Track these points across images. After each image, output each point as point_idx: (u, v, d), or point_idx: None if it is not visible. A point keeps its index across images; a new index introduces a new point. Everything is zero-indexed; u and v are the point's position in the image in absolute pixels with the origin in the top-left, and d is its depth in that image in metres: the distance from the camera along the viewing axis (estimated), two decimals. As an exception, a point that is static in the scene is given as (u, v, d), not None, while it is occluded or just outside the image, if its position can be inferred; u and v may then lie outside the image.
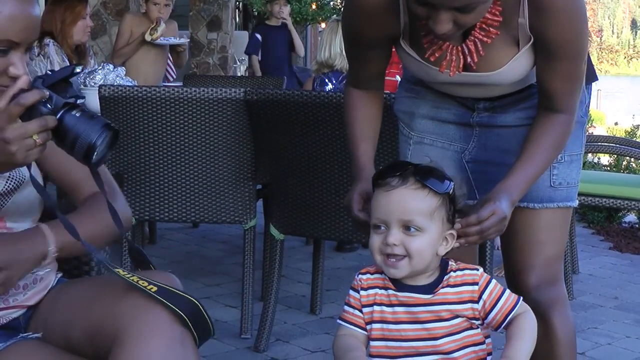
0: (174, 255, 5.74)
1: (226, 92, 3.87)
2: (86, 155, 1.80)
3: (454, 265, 2.07)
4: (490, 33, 2.22)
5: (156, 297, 1.82)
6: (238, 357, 3.83)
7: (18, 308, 2.03)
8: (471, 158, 2.53)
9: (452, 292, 2.04)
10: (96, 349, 1.87)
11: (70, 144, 1.80)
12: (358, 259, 5.74)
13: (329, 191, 3.77)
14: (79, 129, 1.79)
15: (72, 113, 1.80)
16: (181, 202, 4.07)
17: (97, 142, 1.79)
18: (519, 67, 2.30)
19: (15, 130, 1.73)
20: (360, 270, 2.13)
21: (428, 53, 2.28)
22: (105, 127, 1.81)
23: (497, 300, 2.03)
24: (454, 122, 2.53)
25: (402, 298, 2.04)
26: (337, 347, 2.06)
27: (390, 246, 1.98)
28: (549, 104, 2.32)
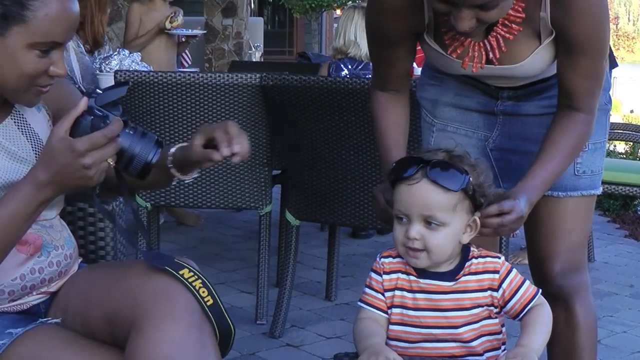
0: (189, 241, 5.75)
1: (242, 77, 3.86)
2: (142, 173, 1.86)
3: (475, 252, 2.07)
4: (512, 29, 2.21)
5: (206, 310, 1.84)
6: (253, 343, 3.84)
7: (40, 295, 2.04)
8: (495, 146, 2.52)
9: (473, 280, 2.03)
10: (114, 333, 1.88)
11: (126, 163, 1.84)
12: (373, 245, 5.73)
13: (345, 177, 3.76)
14: (135, 148, 1.83)
15: (126, 131, 1.83)
16: (196, 187, 4.07)
17: (153, 160, 1.85)
18: (540, 61, 2.29)
19: (94, 155, 1.75)
20: (382, 253, 2.12)
21: (450, 49, 2.27)
22: (157, 144, 1.85)
23: (516, 290, 2.03)
24: (477, 110, 2.52)
25: (424, 285, 2.03)
26: (357, 330, 2.06)
27: (411, 240, 1.98)
28: (569, 103, 2.30)
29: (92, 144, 1.75)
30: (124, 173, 1.88)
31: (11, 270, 1.93)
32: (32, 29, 1.81)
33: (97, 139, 1.75)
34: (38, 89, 1.91)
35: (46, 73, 1.88)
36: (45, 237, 2.01)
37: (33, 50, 1.83)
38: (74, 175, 1.77)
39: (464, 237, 2.03)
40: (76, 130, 1.78)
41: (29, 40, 1.82)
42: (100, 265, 2.25)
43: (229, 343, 1.92)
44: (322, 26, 19.99)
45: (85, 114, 1.80)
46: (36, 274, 1.98)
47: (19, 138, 1.99)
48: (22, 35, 1.81)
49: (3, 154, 1.93)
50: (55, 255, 2.02)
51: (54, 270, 2.02)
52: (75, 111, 1.79)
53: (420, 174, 1.98)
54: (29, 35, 1.82)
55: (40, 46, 1.83)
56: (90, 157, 1.75)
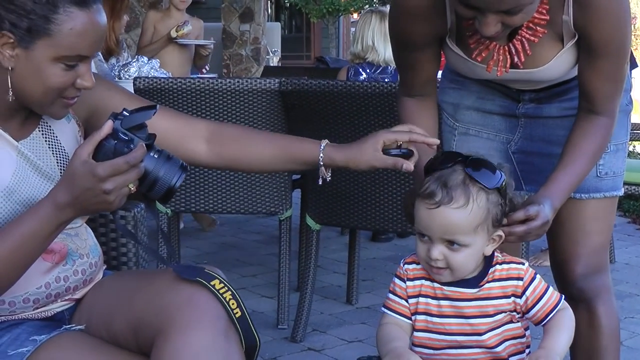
0: (209, 246, 5.76)
1: (261, 82, 3.87)
2: (165, 197, 1.84)
3: (499, 257, 2.04)
4: (537, 32, 2.20)
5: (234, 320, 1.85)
6: (275, 348, 3.84)
7: (65, 302, 2.04)
8: (517, 149, 2.51)
9: (497, 287, 2.01)
10: (139, 340, 1.88)
11: (149, 186, 1.82)
12: (393, 249, 5.73)
13: (365, 181, 3.76)
14: (158, 171, 1.81)
15: (151, 155, 1.81)
16: (216, 193, 4.07)
17: (177, 184, 1.83)
18: (563, 64, 2.28)
19: (116, 181, 1.74)
20: (406, 259, 2.10)
21: (475, 53, 2.26)
22: (181, 168, 1.84)
23: (540, 297, 2.00)
24: (499, 113, 2.51)
25: (448, 292, 2.02)
26: (380, 335, 2.05)
27: (433, 260, 1.97)
28: (590, 106, 2.29)
29: (113, 169, 1.73)
30: (146, 194, 1.86)
31: (36, 279, 1.93)
32: (57, 42, 1.81)
33: (119, 165, 1.74)
34: (65, 102, 1.91)
35: (73, 86, 1.88)
36: (71, 246, 2.01)
37: (59, 64, 1.83)
38: (94, 200, 1.76)
39: (487, 249, 2.00)
40: (99, 154, 1.77)
41: (54, 54, 1.82)
42: (126, 272, 2.26)
43: (253, 356, 1.92)
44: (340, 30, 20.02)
45: (110, 137, 1.78)
46: (61, 282, 1.99)
47: (46, 152, 1.99)
48: (48, 49, 1.81)
49: (30, 169, 1.94)
50: (80, 264, 2.03)
51: (79, 278, 2.03)
52: (99, 134, 1.78)
53: (442, 195, 1.92)
54: (54, 49, 1.81)
55: (66, 60, 1.83)
56: (111, 182, 1.74)
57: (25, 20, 1.79)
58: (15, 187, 1.89)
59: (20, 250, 1.79)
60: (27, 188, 1.91)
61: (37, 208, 1.80)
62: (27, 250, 1.80)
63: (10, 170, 1.90)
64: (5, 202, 1.88)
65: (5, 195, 1.88)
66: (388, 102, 3.51)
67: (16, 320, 1.96)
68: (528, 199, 2.16)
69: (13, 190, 1.89)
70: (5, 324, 1.94)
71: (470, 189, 1.93)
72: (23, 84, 1.85)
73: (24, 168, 1.92)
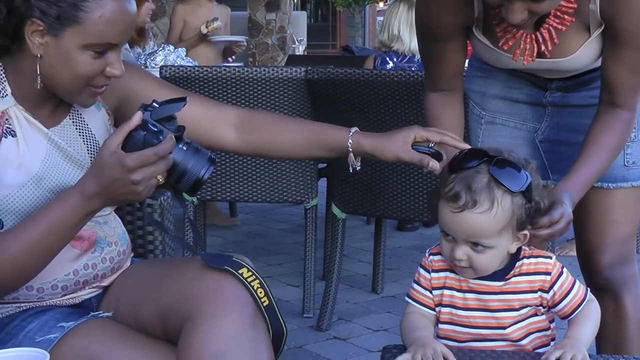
0: (235, 235, 5.77)
1: (287, 71, 3.87)
2: (192, 189, 1.84)
3: (527, 251, 2.02)
4: (565, 20, 2.19)
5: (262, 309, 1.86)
6: (301, 336, 3.85)
7: (93, 289, 2.05)
8: (544, 138, 2.50)
9: (524, 281, 1.99)
10: (167, 328, 1.89)
11: (177, 178, 1.82)
12: (419, 238, 5.73)
13: (391, 170, 3.76)
14: (187, 163, 1.81)
15: (180, 147, 1.81)
16: (242, 182, 4.08)
17: (205, 177, 1.83)
18: (590, 53, 2.27)
19: (144, 172, 1.74)
20: (431, 250, 2.08)
21: (501, 42, 2.25)
22: (209, 161, 1.84)
23: (567, 292, 1.99)
24: (526, 102, 2.50)
25: (473, 285, 2.01)
26: (404, 324, 2.04)
27: (457, 260, 1.95)
28: (612, 99, 2.27)
29: (142, 160, 1.73)
30: (174, 186, 1.87)
31: (65, 266, 1.94)
32: (86, 30, 1.81)
33: (148, 157, 1.74)
34: (93, 90, 1.91)
35: (102, 74, 1.88)
36: (100, 233, 2.02)
37: (88, 52, 1.84)
38: (122, 190, 1.76)
39: (511, 247, 1.98)
40: (128, 144, 1.77)
41: (83, 42, 1.82)
42: (154, 260, 2.27)
43: (280, 345, 1.93)
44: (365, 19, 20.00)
45: (139, 128, 1.78)
46: (89, 270, 2.00)
47: (76, 140, 2.00)
48: (77, 37, 1.82)
49: (60, 156, 1.94)
50: (108, 252, 2.04)
51: (107, 266, 2.04)
52: (129, 125, 1.78)
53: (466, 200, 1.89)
54: (83, 37, 1.82)
55: (95, 47, 1.84)
56: (139, 173, 1.74)
57: (55, 7, 1.79)
58: (44, 174, 1.90)
59: (48, 238, 1.80)
60: (56, 175, 1.92)
61: (66, 196, 1.81)
62: (54, 238, 1.81)
63: (40, 157, 1.91)
64: (35, 189, 1.89)
65: (35, 182, 1.89)
66: (414, 91, 3.51)
67: (44, 307, 1.97)
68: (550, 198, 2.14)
69: (42, 177, 1.90)
70: (33, 310, 1.95)
71: (494, 192, 1.90)
72: (52, 71, 1.85)
73: (54, 155, 1.93)
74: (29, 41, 1.83)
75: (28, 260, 1.81)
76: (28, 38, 1.82)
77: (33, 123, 1.92)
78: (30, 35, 1.82)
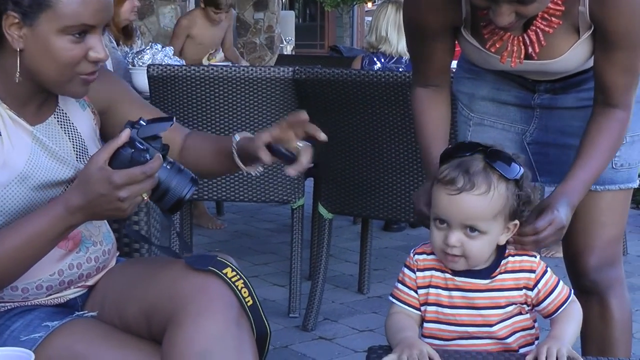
0: (222, 235, 5.76)
1: (275, 70, 3.87)
2: (173, 208, 1.86)
3: (512, 250, 2.04)
4: (552, 23, 2.19)
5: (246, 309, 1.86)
6: (286, 336, 3.85)
7: (78, 289, 2.05)
8: (532, 140, 2.50)
9: (509, 279, 2.01)
10: (151, 327, 1.89)
11: (160, 196, 1.84)
12: (405, 238, 5.73)
13: (378, 170, 3.76)
14: (170, 182, 1.83)
15: (164, 166, 1.82)
16: (229, 181, 4.08)
17: (187, 196, 1.85)
18: (579, 55, 2.27)
19: (130, 189, 1.75)
20: (416, 249, 2.09)
21: (489, 44, 2.25)
22: (192, 181, 1.85)
23: (551, 291, 2.01)
24: (514, 103, 2.50)
25: (459, 283, 2.02)
26: (389, 324, 2.05)
27: (450, 247, 1.96)
28: (606, 99, 2.28)
29: (130, 178, 1.74)
30: (156, 204, 1.88)
31: (50, 266, 1.94)
32: (59, 13, 1.80)
33: (135, 175, 1.74)
34: (83, 78, 1.90)
35: (86, 59, 1.87)
36: (85, 233, 2.02)
37: (65, 36, 1.82)
38: (107, 206, 1.77)
39: (501, 238, 2.00)
40: (115, 161, 1.78)
41: (58, 26, 1.81)
42: (138, 260, 2.26)
43: (264, 346, 1.93)
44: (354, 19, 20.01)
45: (126, 145, 1.79)
46: (74, 270, 1.99)
47: (62, 137, 1.99)
48: (51, 22, 1.81)
49: (44, 153, 1.94)
50: (93, 251, 2.03)
51: (92, 265, 2.04)
52: (116, 142, 1.78)
53: (463, 183, 1.92)
54: (57, 21, 1.81)
55: (71, 30, 1.82)
56: (126, 190, 1.74)
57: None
58: (29, 172, 1.89)
59: (27, 247, 1.80)
60: (41, 173, 1.91)
61: (49, 208, 1.81)
62: (34, 248, 1.81)
63: (24, 156, 1.90)
64: (19, 188, 1.88)
65: (19, 181, 1.88)
66: (402, 91, 3.51)
67: (29, 306, 1.97)
68: (543, 202, 2.14)
69: (27, 176, 1.89)
70: (17, 309, 1.95)
71: (491, 177, 1.93)
72: (36, 64, 1.85)
73: (38, 154, 1.92)
74: (7, 36, 1.82)
75: (7, 268, 1.81)
76: (6, 32, 1.81)
77: (17, 122, 1.91)
78: (8, 30, 1.81)
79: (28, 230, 1.80)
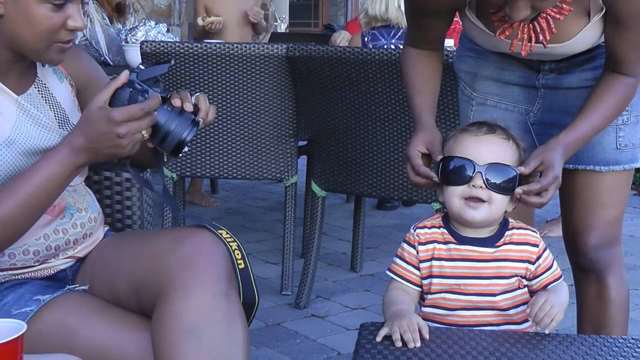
0: (215, 212, 5.77)
1: (268, 48, 3.85)
2: (175, 150, 1.89)
3: (515, 223, 2.09)
4: (563, 10, 2.17)
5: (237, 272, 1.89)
6: (279, 313, 3.86)
7: (67, 259, 2.05)
8: (536, 120, 2.49)
9: (514, 250, 2.05)
10: (141, 302, 1.89)
11: (161, 139, 1.88)
12: (398, 217, 5.74)
13: (371, 148, 3.76)
14: (170, 125, 1.87)
15: (164, 107, 1.87)
16: (221, 158, 4.07)
17: (187, 138, 1.88)
18: (588, 38, 2.26)
19: (129, 126, 1.79)
20: (417, 224, 2.12)
21: (498, 31, 2.23)
22: (192, 123, 1.88)
23: (549, 267, 2.06)
24: (518, 83, 2.49)
25: (464, 252, 2.04)
26: (385, 300, 2.06)
27: (477, 189, 1.99)
28: (616, 67, 2.27)
29: (129, 115, 1.79)
30: (159, 148, 1.92)
31: (35, 231, 1.94)
32: None
33: (133, 111, 1.79)
34: (60, 46, 1.91)
35: (64, 27, 1.88)
36: (69, 200, 2.03)
37: (46, 4, 1.84)
38: (108, 144, 1.80)
39: (509, 205, 2.07)
40: (115, 101, 1.83)
41: None
42: (128, 233, 2.27)
43: (251, 313, 1.94)
44: (348, -5, 19.89)
45: (125, 86, 1.84)
46: (60, 235, 2.01)
47: (43, 106, 2.01)
48: None
49: (29, 120, 1.95)
50: (78, 217, 2.05)
51: (79, 231, 2.05)
52: (116, 83, 1.83)
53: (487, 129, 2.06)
54: None
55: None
56: (125, 127, 1.78)
57: None
58: (15, 138, 1.91)
59: (39, 194, 1.83)
60: (26, 139, 1.93)
61: (54, 153, 1.84)
62: (45, 194, 1.84)
63: (10, 122, 1.91)
64: (7, 152, 1.90)
65: (6, 146, 1.89)
66: (395, 69, 3.50)
67: (20, 280, 1.97)
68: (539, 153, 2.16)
69: (13, 141, 1.90)
70: (9, 283, 1.95)
71: (507, 131, 2.08)
72: (15, 30, 1.86)
73: (23, 121, 1.94)
74: None
75: (19, 218, 1.83)
76: None
77: (3, 89, 1.92)
78: None
79: (37, 176, 1.82)
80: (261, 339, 3.54)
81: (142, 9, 8.98)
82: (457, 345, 1.88)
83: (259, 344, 3.47)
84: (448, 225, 2.08)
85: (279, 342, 3.54)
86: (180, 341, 1.76)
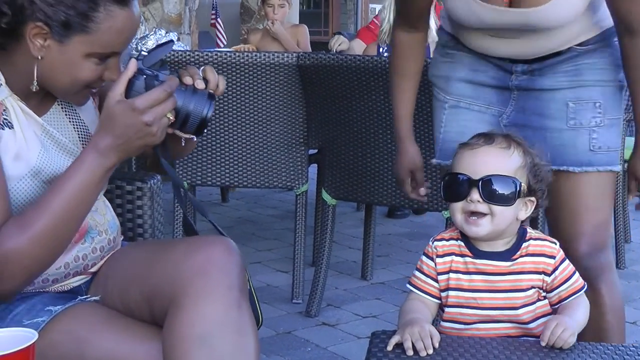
0: (225, 220, 5.77)
1: (279, 56, 3.86)
2: (199, 129, 1.86)
3: (533, 234, 2.08)
4: None
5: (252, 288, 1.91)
6: (290, 322, 3.85)
7: (82, 276, 2.05)
8: (509, 122, 2.49)
9: (530, 262, 2.04)
10: (153, 311, 1.89)
11: (182, 122, 1.85)
12: (409, 225, 5.73)
13: (381, 157, 3.76)
14: (189, 105, 1.84)
15: (179, 88, 1.83)
16: (232, 167, 4.08)
17: (208, 114, 1.85)
18: (565, 5, 2.27)
19: (154, 111, 1.76)
20: (435, 237, 2.12)
21: None
22: (209, 98, 1.86)
23: (567, 279, 2.04)
24: (491, 85, 2.50)
25: (480, 265, 2.03)
26: (402, 310, 2.07)
27: (474, 203, 1.98)
28: (627, 27, 2.29)
29: (152, 99, 1.76)
30: (179, 133, 1.89)
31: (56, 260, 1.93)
32: (93, 40, 1.80)
33: (156, 95, 1.77)
34: (89, 91, 1.92)
35: (100, 79, 1.88)
36: (90, 223, 2.01)
37: (92, 59, 1.82)
38: (137, 135, 1.78)
39: (520, 213, 2.04)
40: (130, 92, 1.79)
41: (88, 50, 1.81)
42: (140, 243, 2.26)
43: None
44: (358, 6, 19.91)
45: (137, 74, 1.81)
46: (80, 262, 2.00)
47: (67, 127, 1.99)
48: (83, 45, 1.80)
49: (54, 146, 1.93)
50: (99, 241, 2.03)
51: (97, 256, 2.04)
52: (127, 73, 1.80)
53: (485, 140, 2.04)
54: (90, 46, 1.80)
55: (99, 55, 1.83)
56: (151, 113, 1.76)
57: (63, 15, 1.77)
58: (41, 167, 1.89)
59: (74, 204, 1.80)
60: (51, 167, 1.91)
61: (81, 159, 1.81)
62: (79, 203, 1.81)
63: (36, 150, 1.89)
64: (32, 182, 1.88)
65: (32, 175, 1.88)
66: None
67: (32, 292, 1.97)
68: None
69: (39, 170, 1.89)
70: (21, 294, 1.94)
71: (511, 138, 2.05)
72: (51, 74, 1.84)
73: (49, 147, 1.92)
74: (30, 42, 1.79)
75: (57, 233, 1.81)
76: (29, 39, 1.79)
77: (28, 113, 1.89)
78: (32, 37, 1.79)
79: (69, 187, 1.79)
80: (272, 347, 3.54)
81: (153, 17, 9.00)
82: (468, 354, 1.88)
83: (269, 353, 3.47)
84: (465, 238, 2.07)
85: (289, 350, 3.54)
86: (192, 350, 1.75)
